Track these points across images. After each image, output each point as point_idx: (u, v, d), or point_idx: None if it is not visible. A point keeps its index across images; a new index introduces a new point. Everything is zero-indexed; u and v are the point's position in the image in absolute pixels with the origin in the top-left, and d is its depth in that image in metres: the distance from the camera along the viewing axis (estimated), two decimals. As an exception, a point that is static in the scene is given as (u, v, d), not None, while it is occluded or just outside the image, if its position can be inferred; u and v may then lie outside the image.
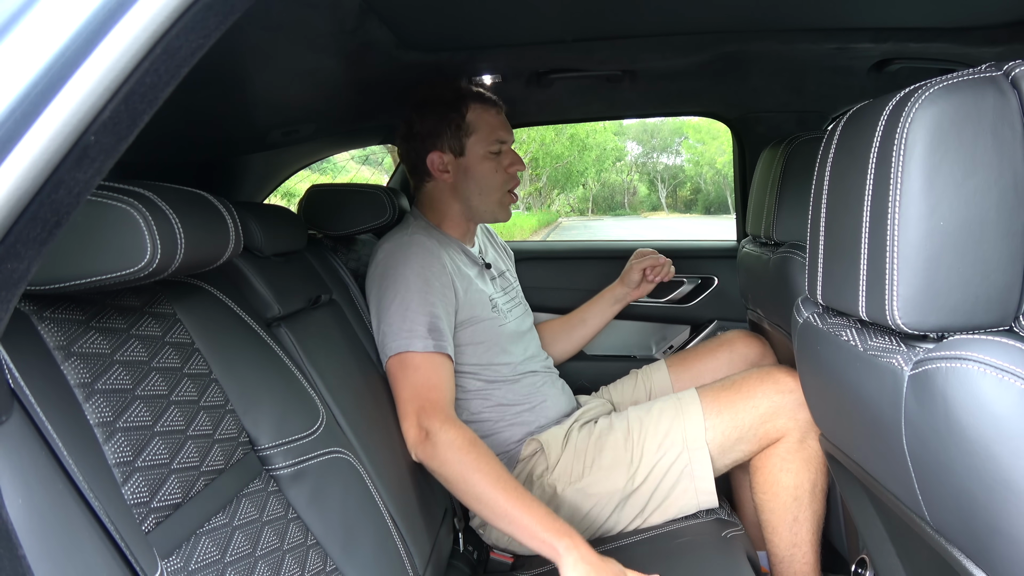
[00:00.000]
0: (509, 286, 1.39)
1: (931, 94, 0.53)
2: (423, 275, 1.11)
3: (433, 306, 1.09)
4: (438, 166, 1.23)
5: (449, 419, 1.02)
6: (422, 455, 1.03)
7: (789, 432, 1.10)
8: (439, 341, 1.08)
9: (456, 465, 0.99)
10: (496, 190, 1.24)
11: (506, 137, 1.25)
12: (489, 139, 1.22)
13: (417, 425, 1.03)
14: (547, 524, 0.92)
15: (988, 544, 0.52)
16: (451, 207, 1.26)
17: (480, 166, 1.23)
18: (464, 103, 1.22)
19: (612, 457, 1.14)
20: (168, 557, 0.60)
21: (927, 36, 1.22)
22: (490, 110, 1.24)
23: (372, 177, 9.28)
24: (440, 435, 1.00)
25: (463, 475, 0.98)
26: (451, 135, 1.21)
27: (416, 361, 1.06)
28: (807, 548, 1.12)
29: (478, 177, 1.23)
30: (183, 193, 0.66)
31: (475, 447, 0.99)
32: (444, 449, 0.99)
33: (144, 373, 0.65)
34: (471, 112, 1.22)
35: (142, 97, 0.38)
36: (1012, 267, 0.53)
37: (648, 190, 37.47)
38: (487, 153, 1.23)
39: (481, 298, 1.22)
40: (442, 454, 1.00)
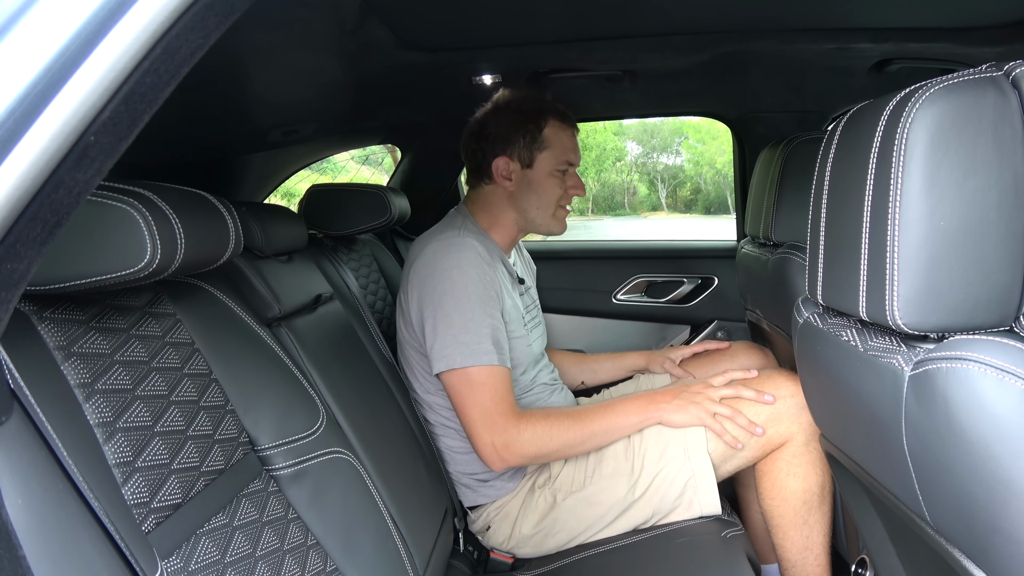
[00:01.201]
0: (533, 303, 1.38)
1: (931, 94, 0.53)
2: (482, 283, 1.10)
3: (494, 318, 1.09)
4: (502, 172, 1.22)
5: (516, 420, 1.06)
6: (504, 466, 1.09)
7: (793, 436, 1.09)
8: (502, 354, 1.08)
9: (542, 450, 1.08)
10: (552, 205, 1.24)
11: (575, 160, 1.25)
12: (560, 158, 1.22)
13: (492, 444, 1.06)
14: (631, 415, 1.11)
15: (988, 544, 0.52)
16: (505, 214, 1.25)
17: (545, 182, 1.22)
18: (544, 117, 1.21)
19: (613, 467, 1.14)
20: (168, 557, 0.60)
21: (927, 36, 1.22)
22: (567, 130, 1.23)
23: (372, 177, 9.24)
24: (516, 443, 1.06)
25: (553, 452, 1.09)
26: (524, 145, 1.20)
27: (483, 377, 1.06)
28: (819, 551, 1.11)
29: (540, 192, 1.22)
30: (183, 193, 0.66)
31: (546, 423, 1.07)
32: (526, 447, 1.06)
33: (144, 373, 0.65)
34: (549, 127, 1.21)
35: (142, 97, 0.38)
36: (1012, 267, 0.53)
37: (648, 190, 37.44)
38: (554, 171, 1.22)
39: (517, 313, 1.21)
40: (526, 452, 1.07)
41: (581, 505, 1.13)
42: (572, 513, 1.13)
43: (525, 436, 1.05)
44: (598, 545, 1.11)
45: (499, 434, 1.05)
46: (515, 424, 1.06)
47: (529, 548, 1.16)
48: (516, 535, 1.16)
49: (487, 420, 1.06)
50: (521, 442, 1.06)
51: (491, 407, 1.06)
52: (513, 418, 1.06)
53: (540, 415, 1.08)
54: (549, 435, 1.07)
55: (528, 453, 1.07)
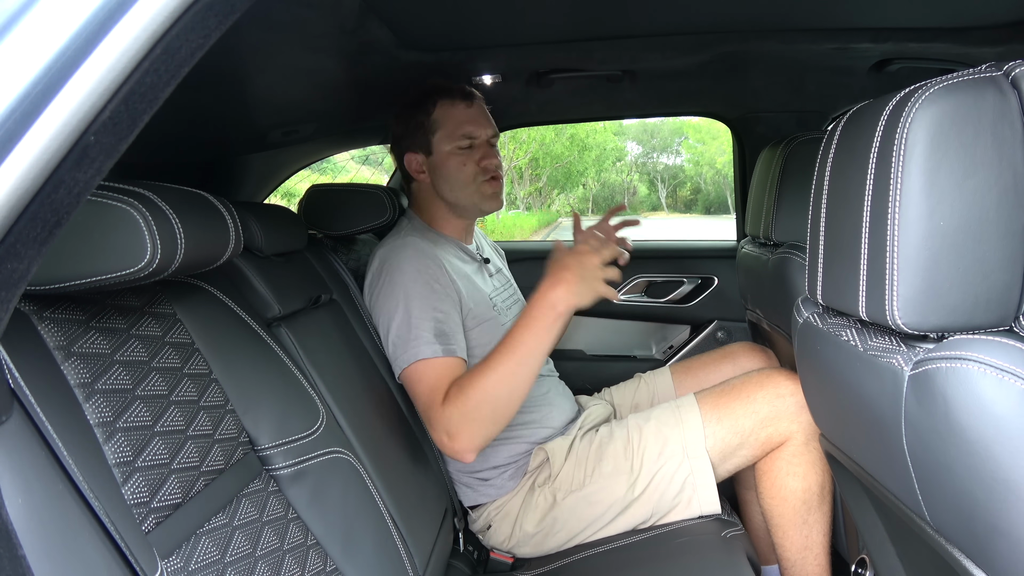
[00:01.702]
0: (507, 283, 1.38)
1: (931, 94, 0.53)
2: (421, 278, 1.09)
3: (436, 309, 1.07)
4: (415, 167, 1.23)
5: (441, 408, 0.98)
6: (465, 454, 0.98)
7: (792, 436, 1.10)
8: (447, 345, 1.04)
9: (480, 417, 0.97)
10: (468, 183, 1.19)
11: (476, 131, 1.19)
12: (455, 134, 1.18)
13: (440, 439, 0.99)
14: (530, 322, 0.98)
15: (988, 544, 0.52)
16: (438, 206, 1.25)
17: (448, 162, 1.19)
18: (431, 101, 1.19)
19: (613, 465, 1.14)
20: (168, 557, 0.60)
21: (927, 36, 1.22)
22: (458, 104, 1.19)
23: (372, 177, 9.27)
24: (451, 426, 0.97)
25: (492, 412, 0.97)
26: (419, 135, 1.20)
27: (418, 373, 1.03)
28: (819, 550, 1.12)
29: (448, 174, 1.20)
30: (183, 193, 0.66)
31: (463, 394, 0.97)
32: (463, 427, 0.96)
33: (144, 373, 0.65)
34: (438, 109, 1.19)
35: (142, 97, 0.38)
36: (1012, 267, 0.53)
37: (648, 190, 37.45)
38: (454, 149, 1.19)
39: (482, 297, 1.20)
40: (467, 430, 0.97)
41: (581, 504, 1.13)
42: (572, 512, 1.13)
43: (453, 415, 0.97)
44: (598, 545, 1.11)
45: (438, 425, 0.98)
46: (441, 410, 0.98)
47: (530, 547, 1.16)
48: (517, 534, 1.16)
49: (428, 416, 1.01)
50: (453, 422, 0.96)
51: (427, 400, 1.01)
52: (439, 406, 0.99)
53: (455, 390, 0.98)
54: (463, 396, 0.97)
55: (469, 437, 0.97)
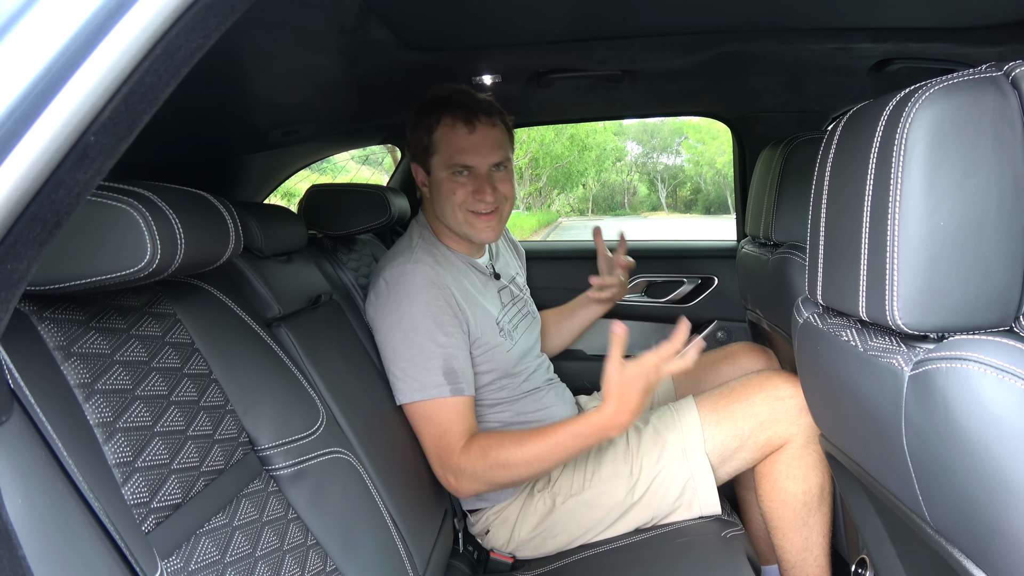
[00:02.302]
0: (518, 294, 1.34)
1: (931, 94, 0.53)
2: (430, 312, 1.05)
3: (446, 346, 1.05)
4: (420, 179, 1.19)
5: (460, 455, 1.03)
6: (462, 493, 1.07)
7: (792, 438, 1.09)
8: (455, 384, 1.05)
9: (491, 481, 1.03)
10: (457, 212, 1.13)
11: (472, 161, 1.11)
12: (448, 162, 1.11)
13: (444, 476, 1.06)
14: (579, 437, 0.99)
15: (988, 544, 0.52)
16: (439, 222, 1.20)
17: (442, 187, 1.13)
18: (436, 118, 1.12)
19: (612, 469, 1.14)
20: (168, 557, 0.60)
21: (927, 36, 1.22)
22: (459, 129, 1.10)
23: (372, 177, 9.28)
24: (462, 475, 1.03)
25: (504, 480, 1.03)
26: (421, 152, 1.15)
27: (428, 411, 1.06)
28: (819, 551, 1.11)
29: (441, 198, 1.14)
30: (183, 193, 0.66)
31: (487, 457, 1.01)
32: (471, 483, 1.03)
33: (144, 373, 0.65)
34: (439, 129, 1.11)
35: (142, 97, 0.38)
36: (1012, 267, 0.53)
37: (648, 190, 37.45)
38: (448, 175, 1.12)
39: (489, 323, 1.16)
40: (474, 487, 1.04)
41: (580, 508, 1.12)
42: (571, 516, 1.13)
43: (468, 467, 1.02)
44: (598, 545, 1.11)
45: (448, 467, 1.04)
46: (458, 458, 1.03)
47: (528, 551, 1.16)
48: (515, 539, 1.16)
49: (435, 454, 1.06)
50: (465, 476, 1.03)
51: (437, 442, 1.05)
52: (457, 453, 1.03)
53: (480, 448, 1.02)
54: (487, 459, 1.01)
55: (476, 487, 1.04)
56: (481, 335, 1.13)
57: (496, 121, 1.14)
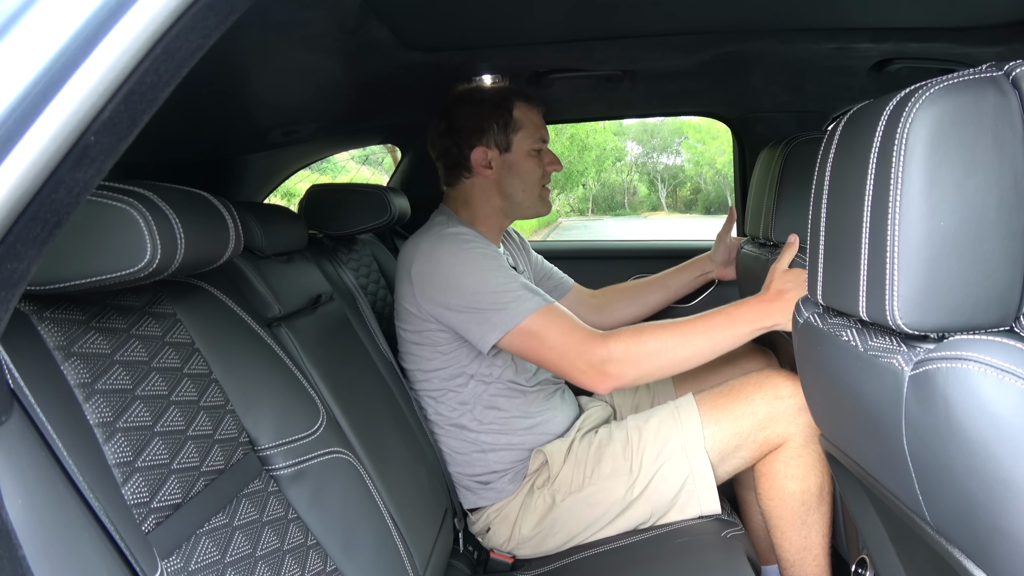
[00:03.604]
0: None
1: (931, 94, 0.53)
2: (485, 255, 1.11)
3: (512, 272, 1.10)
4: (482, 161, 1.22)
5: (603, 340, 1.03)
6: (615, 384, 1.04)
7: (791, 437, 1.09)
8: (541, 296, 1.08)
9: (646, 366, 1.03)
10: (536, 185, 1.25)
11: (546, 136, 1.28)
12: (534, 136, 1.24)
13: (587, 372, 1.03)
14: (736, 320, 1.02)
15: (988, 544, 0.52)
16: (489, 204, 1.25)
17: (525, 162, 1.23)
18: (511, 100, 1.23)
19: (611, 467, 1.14)
20: (168, 557, 0.60)
21: (927, 36, 1.22)
22: (533, 108, 1.25)
23: (372, 177, 9.27)
24: (611, 361, 1.02)
25: (660, 366, 1.03)
26: (498, 130, 1.22)
27: (540, 323, 1.05)
28: (818, 551, 1.11)
29: (522, 173, 1.23)
30: (183, 193, 0.66)
31: (640, 337, 1.02)
32: (625, 366, 1.02)
33: (144, 373, 0.65)
34: (517, 109, 1.22)
35: (142, 97, 0.38)
36: (1012, 267, 0.53)
37: (648, 190, 37.43)
38: (531, 150, 1.24)
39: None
40: (628, 372, 1.03)
41: (580, 505, 1.13)
42: (571, 513, 1.13)
43: (617, 353, 1.01)
44: (598, 545, 1.11)
45: (595, 359, 1.02)
46: (601, 343, 1.02)
47: (528, 549, 1.16)
48: (516, 536, 1.16)
49: (570, 356, 1.04)
50: (617, 354, 1.02)
51: (565, 342, 1.04)
52: (595, 339, 1.03)
53: (625, 329, 1.04)
54: (640, 339, 1.02)
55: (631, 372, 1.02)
56: None
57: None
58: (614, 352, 1.02)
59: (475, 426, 1.20)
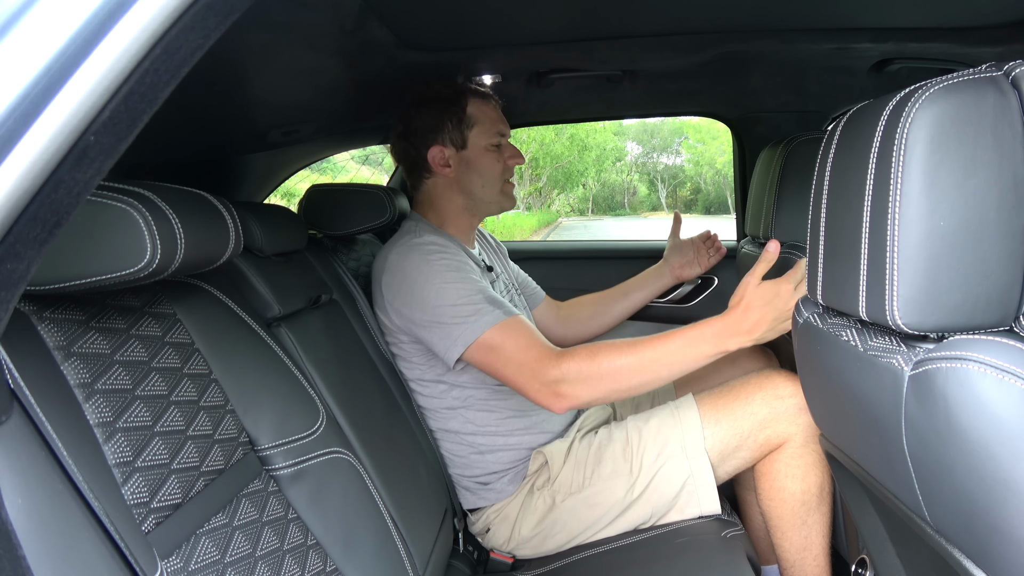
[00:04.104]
0: (508, 287, 1.37)
1: (931, 94, 0.53)
2: (450, 265, 1.10)
3: (476, 283, 1.09)
4: (439, 160, 1.22)
5: (557, 359, 1.00)
6: (568, 404, 1.01)
7: (791, 438, 1.09)
8: (503, 307, 1.06)
9: (601, 388, 1.00)
10: (496, 180, 1.24)
11: (505, 130, 1.26)
12: (491, 131, 1.23)
13: (540, 388, 1.01)
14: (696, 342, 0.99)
15: (988, 544, 0.52)
16: (452, 203, 1.25)
17: (483, 158, 1.22)
18: (464, 97, 1.22)
19: (611, 467, 1.14)
20: (168, 557, 0.60)
21: (927, 36, 1.22)
22: (488, 103, 1.25)
23: (372, 177, 9.28)
24: (564, 381, 1.00)
25: (612, 389, 1.01)
26: (452, 128, 1.21)
27: (498, 337, 1.04)
28: (818, 551, 1.11)
29: (481, 169, 1.22)
30: (183, 193, 0.66)
31: (595, 359, 0.99)
32: (578, 387, 1.00)
33: (144, 373, 0.65)
34: (471, 105, 1.22)
35: (142, 97, 0.38)
36: (1012, 267, 0.53)
37: (648, 190, 37.41)
38: (489, 145, 1.23)
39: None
40: (582, 393, 1.00)
41: (580, 506, 1.12)
42: (571, 514, 1.13)
43: (571, 370, 0.99)
44: (598, 545, 1.11)
45: (548, 379, 1.00)
46: (555, 363, 1.00)
47: (528, 550, 1.16)
48: (515, 537, 1.16)
49: (528, 373, 1.02)
50: (574, 382, 0.99)
51: (522, 358, 1.02)
52: (550, 357, 1.01)
53: (581, 348, 1.01)
54: (594, 360, 0.99)
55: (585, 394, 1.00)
56: None
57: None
58: (567, 373, 0.99)
59: (468, 429, 1.20)
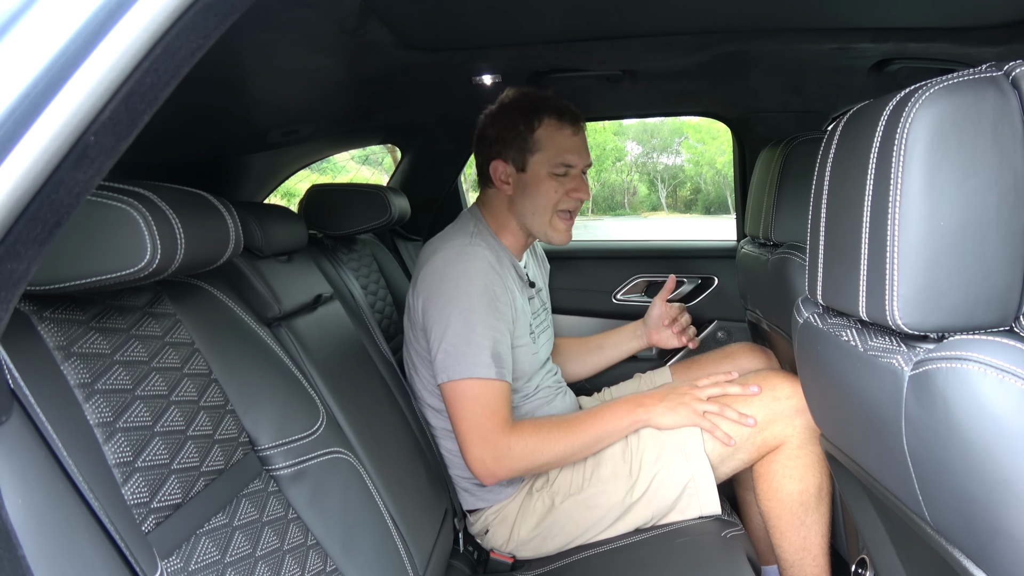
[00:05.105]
0: (542, 307, 1.34)
1: (931, 94, 0.53)
2: (489, 295, 1.07)
3: (496, 331, 1.07)
4: (500, 176, 1.18)
5: (507, 435, 1.05)
6: (493, 480, 1.08)
7: (788, 439, 1.09)
8: (500, 368, 1.06)
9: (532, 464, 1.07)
10: (549, 211, 1.17)
11: (575, 161, 1.17)
12: (553, 160, 1.15)
13: (481, 459, 1.05)
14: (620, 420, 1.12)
15: (988, 544, 0.52)
16: (509, 219, 1.21)
17: (540, 186, 1.16)
18: (538, 116, 1.15)
19: (611, 469, 1.13)
20: (168, 557, 0.60)
21: (927, 36, 1.22)
22: (565, 129, 1.16)
23: (372, 177, 9.25)
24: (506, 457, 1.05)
25: (543, 465, 1.09)
26: (517, 148, 1.16)
27: (476, 391, 1.05)
28: (817, 551, 1.11)
29: (535, 196, 1.16)
30: (183, 193, 0.66)
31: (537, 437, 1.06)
32: (516, 462, 1.06)
33: (144, 373, 0.65)
34: (543, 128, 1.15)
35: (142, 97, 0.38)
36: (1012, 267, 0.53)
37: (648, 190, 37.36)
38: (550, 174, 1.16)
39: (524, 321, 1.18)
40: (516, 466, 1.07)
41: (579, 508, 1.12)
42: (570, 516, 1.12)
43: (516, 451, 1.05)
44: (599, 545, 1.11)
45: (489, 449, 1.04)
46: (506, 439, 1.04)
47: (528, 551, 1.16)
48: (514, 538, 1.16)
49: (478, 434, 1.05)
50: (512, 457, 1.05)
51: (483, 422, 1.05)
52: (504, 433, 1.05)
53: (531, 428, 1.07)
54: (540, 448, 1.06)
55: (518, 467, 1.07)
56: (517, 331, 1.15)
57: (584, 126, 1.21)
58: (513, 448, 1.04)
59: None
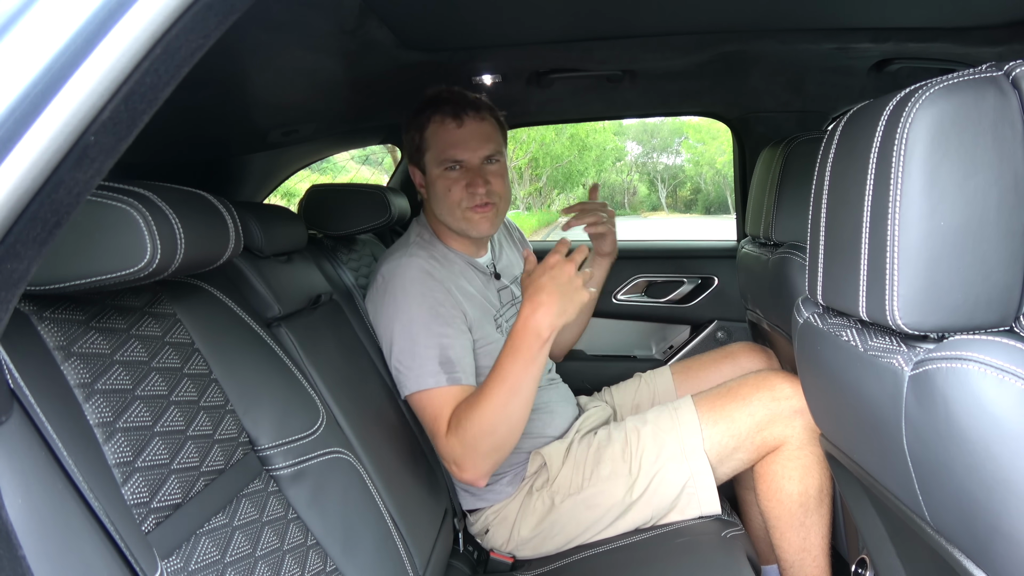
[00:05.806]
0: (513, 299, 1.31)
1: (931, 94, 0.53)
2: (425, 302, 1.06)
3: (443, 336, 1.05)
4: (418, 180, 1.20)
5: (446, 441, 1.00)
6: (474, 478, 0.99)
7: (788, 439, 1.09)
8: (452, 373, 1.03)
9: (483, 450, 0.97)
10: (454, 208, 1.13)
11: (461, 155, 1.12)
12: (439, 158, 1.12)
13: (451, 462, 1.00)
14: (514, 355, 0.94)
15: (988, 544, 0.52)
16: (438, 222, 1.20)
17: (436, 184, 1.14)
18: (426, 116, 1.13)
19: (611, 468, 1.13)
20: (168, 557, 0.60)
21: (927, 36, 1.22)
22: (447, 124, 1.12)
23: (372, 177, 9.28)
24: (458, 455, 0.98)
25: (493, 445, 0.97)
26: (416, 152, 1.16)
27: (424, 402, 1.04)
28: (817, 552, 1.11)
29: (438, 195, 1.14)
30: (183, 193, 0.66)
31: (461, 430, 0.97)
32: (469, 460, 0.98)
33: (144, 373, 0.65)
34: (430, 126, 1.13)
35: (142, 97, 0.38)
36: (1012, 267, 0.53)
37: (648, 190, 37.41)
38: (441, 172, 1.13)
39: (487, 319, 1.17)
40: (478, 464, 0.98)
41: (579, 508, 1.12)
42: (571, 516, 1.12)
43: (455, 446, 0.98)
44: (599, 545, 1.11)
45: (446, 456, 1.00)
46: (446, 444, 1.00)
47: (528, 550, 1.16)
48: (515, 538, 1.16)
49: (440, 442, 1.02)
50: (457, 453, 0.98)
51: (431, 430, 1.03)
52: (443, 438, 1.00)
53: (454, 420, 1.00)
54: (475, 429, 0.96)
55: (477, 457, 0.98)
56: (479, 329, 1.13)
57: (485, 115, 1.14)
58: (454, 448, 0.98)
59: None
